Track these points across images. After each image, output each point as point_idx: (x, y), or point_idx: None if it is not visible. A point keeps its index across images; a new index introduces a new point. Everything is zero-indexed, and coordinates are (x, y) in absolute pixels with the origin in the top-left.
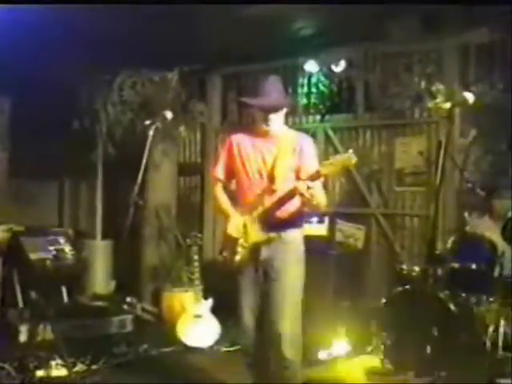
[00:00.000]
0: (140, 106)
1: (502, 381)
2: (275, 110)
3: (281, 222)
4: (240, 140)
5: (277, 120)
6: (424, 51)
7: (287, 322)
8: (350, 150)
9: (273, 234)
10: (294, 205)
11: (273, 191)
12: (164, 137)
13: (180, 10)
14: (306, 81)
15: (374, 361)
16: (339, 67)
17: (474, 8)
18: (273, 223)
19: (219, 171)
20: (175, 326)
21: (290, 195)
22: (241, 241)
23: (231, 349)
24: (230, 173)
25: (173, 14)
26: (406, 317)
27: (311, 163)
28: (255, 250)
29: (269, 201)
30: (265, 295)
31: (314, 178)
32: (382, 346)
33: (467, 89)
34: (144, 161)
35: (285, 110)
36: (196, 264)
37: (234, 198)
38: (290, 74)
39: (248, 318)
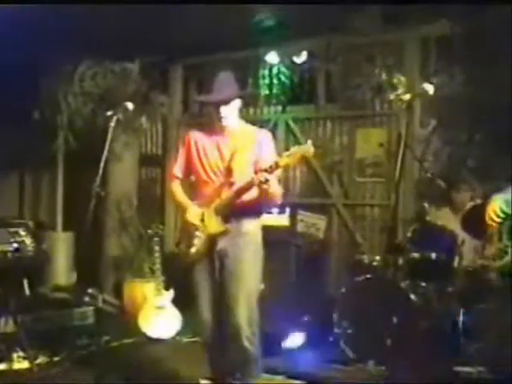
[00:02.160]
0: (101, 97)
1: (462, 369)
2: (225, 103)
3: (237, 213)
4: (198, 137)
5: (230, 114)
6: (385, 43)
7: (244, 312)
8: (309, 141)
9: (230, 226)
10: (251, 196)
11: (231, 184)
12: (125, 128)
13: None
14: (267, 72)
15: (336, 350)
16: (301, 58)
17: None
18: (230, 215)
19: (177, 169)
20: (137, 317)
21: (248, 187)
22: (197, 232)
23: (193, 339)
24: (189, 169)
25: (134, 4)
26: (367, 306)
27: (270, 156)
28: (212, 241)
29: (226, 193)
30: (222, 286)
31: (272, 169)
32: (343, 335)
33: (427, 80)
34: (105, 152)
35: (237, 104)
36: (157, 255)
37: (193, 190)
38: (251, 65)
39: (205, 309)
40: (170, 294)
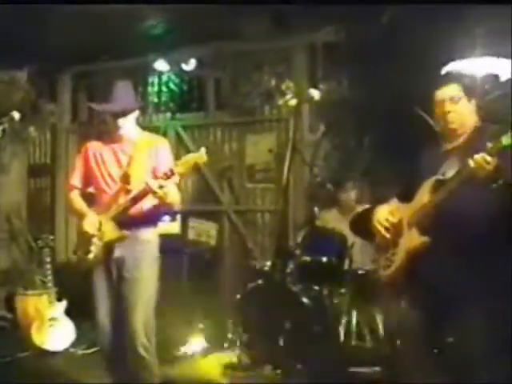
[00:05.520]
0: None
1: (356, 369)
2: (123, 113)
3: (135, 220)
4: (95, 146)
5: (128, 123)
6: (274, 50)
7: (140, 320)
8: (203, 149)
9: (126, 232)
10: (148, 204)
11: (127, 191)
12: (13, 138)
13: (29, 8)
14: (156, 79)
15: (232, 356)
16: (190, 66)
17: (321, 7)
18: (127, 222)
19: (76, 180)
20: (30, 330)
21: (143, 194)
22: (94, 239)
23: (88, 351)
24: (88, 180)
25: (21, 11)
26: (261, 311)
27: (167, 163)
28: (109, 248)
29: (123, 200)
30: (118, 294)
31: (167, 176)
32: (239, 342)
33: (316, 86)
34: None
35: (135, 114)
36: (48, 266)
37: (92, 200)
38: (140, 73)
39: (103, 317)
40: (63, 305)
